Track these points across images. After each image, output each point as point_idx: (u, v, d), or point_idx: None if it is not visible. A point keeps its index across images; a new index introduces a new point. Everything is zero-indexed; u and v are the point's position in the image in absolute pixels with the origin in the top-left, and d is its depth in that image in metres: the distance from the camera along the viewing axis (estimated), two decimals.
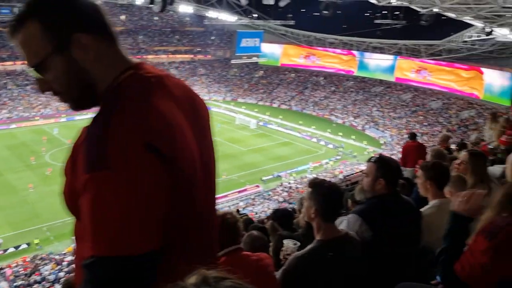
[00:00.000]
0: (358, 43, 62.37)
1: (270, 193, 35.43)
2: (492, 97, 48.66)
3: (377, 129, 53.69)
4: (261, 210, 31.14)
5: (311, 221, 2.71)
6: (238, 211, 15.81)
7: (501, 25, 32.43)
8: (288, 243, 3.05)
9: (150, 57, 72.57)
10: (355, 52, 63.71)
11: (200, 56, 77.09)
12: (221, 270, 0.80)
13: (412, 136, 10.49)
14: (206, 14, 55.59)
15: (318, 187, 2.69)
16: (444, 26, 46.74)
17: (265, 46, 65.25)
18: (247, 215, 14.90)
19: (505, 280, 1.68)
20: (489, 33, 33.53)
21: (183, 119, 1.25)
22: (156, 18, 74.56)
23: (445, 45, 49.51)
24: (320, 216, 2.66)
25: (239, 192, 35.01)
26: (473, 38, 42.26)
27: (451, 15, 31.89)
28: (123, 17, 72.29)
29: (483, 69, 49.53)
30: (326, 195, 2.64)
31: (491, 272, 1.70)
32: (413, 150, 9.55)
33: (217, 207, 1.44)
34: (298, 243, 3.04)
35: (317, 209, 2.65)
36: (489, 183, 3.77)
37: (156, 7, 26.10)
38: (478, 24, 34.73)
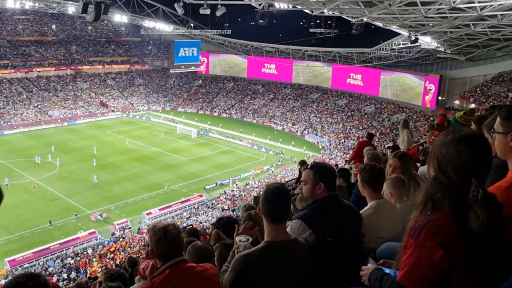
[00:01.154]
0: (295, 51, 63.89)
1: (213, 201, 35.24)
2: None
3: (316, 134, 55.12)
4: (205, 219, 30.88)
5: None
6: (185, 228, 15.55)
7: (424, 34, 34.57)
8: (240, 239, 3.03)
9: (86, 68, 70.05)
10: (291, 60, 65.18)
11: (137, 66, 75.47)
12: None
13: (370, 136, 10.90)
14: (143, 24, 54.57)
15: (265, 190, 2.75)
16: (374, 35, 49.02)
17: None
18: (191, 225, 14.72)
19: (442, 276, 1.77)
20: (414, 41, 35.54)
21: None
22: (90, 27, 72.15)
23: (375, 53, 51.86)
24: (267, 218, 2.70)
25: (182, 202, 34.54)
26: (400, 46, 44.65)
27: (379, 24, 33.53)
28: (54, 26, 69.32)
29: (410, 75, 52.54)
30: (270, 198, 2.69)
31: (426, 271, 1.79)
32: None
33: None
34: (250, 238, 3.02)
35: (264, 211, 2.71)
36: (416, 179, 4.05)
37: (89, 17, 25.20)
38: (404, 32, 36.75)
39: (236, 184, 38.74)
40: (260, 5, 28.30)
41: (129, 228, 30.48)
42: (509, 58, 41.76)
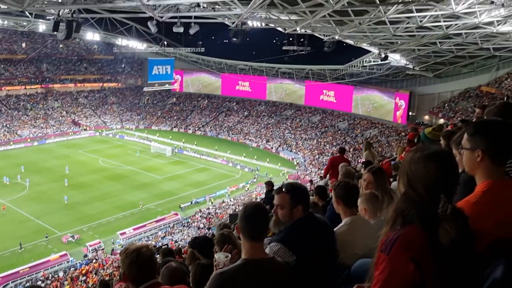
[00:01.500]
0: (268, 68, 64.51)
1: (189, 220, 34.83)
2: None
3: (290, 150, 55.42)
4: (180, 238, 30.45)
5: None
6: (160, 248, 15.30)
7: (393, 51, 35.55)
8: (220, 256, 2.98)
9: (57, 86, 68.81)
10: (265, 77, 65.71)
11: (110, 84, 74.59)
12: None
13: (342, 150, 10.91)
14: (115, 42, 54.17)
15: (244, 207, 2.72)
16: (346, 52, 49.98)
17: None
18: (166, 245, 14.48)
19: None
20: (385, 58, 36.45)
21: None
22: (61, 46, 71.11)
23: (347, 70, 52.84)
24: (245, 235, 2.66)
25: (157, 221, 33.98)
26: (371, 63, 45.66)
27: (350, 42, 34.28)
28: (24, 44, 68.03)
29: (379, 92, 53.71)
30: (249, 215, 2.66)
31: (399, 286, 1.79)
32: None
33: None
34: (230, 255, 2.98)
35: (242, 228, 2.67)
36: (390, 193, 4.10)
37: (60, 35, 24.78)
38: (375, 50, 37.67)
39: (212, 202, 38.45)
40: (233, 23, 28.53)
41: (102, 249, 29.73)
42: (475, 75, 43.31)
